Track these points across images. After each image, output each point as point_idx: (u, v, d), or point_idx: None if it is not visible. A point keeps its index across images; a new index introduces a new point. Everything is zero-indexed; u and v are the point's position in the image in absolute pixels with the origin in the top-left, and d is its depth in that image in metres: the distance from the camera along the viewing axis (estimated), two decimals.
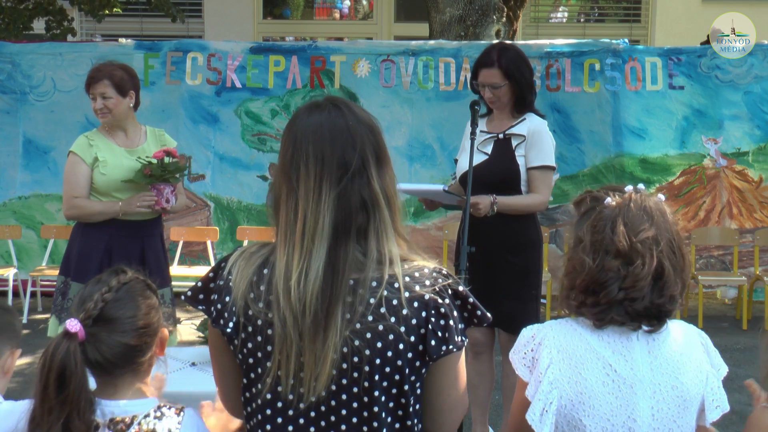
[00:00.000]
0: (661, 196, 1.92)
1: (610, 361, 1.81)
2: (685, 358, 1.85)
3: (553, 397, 1.79)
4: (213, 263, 7.13)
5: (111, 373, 1.74)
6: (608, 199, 1.86)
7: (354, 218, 1.61)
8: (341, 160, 1.62)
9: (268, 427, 1.63)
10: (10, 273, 6.99)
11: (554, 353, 1.81)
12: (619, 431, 1.79)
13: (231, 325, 1.62)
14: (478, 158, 3.90)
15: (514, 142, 3.91)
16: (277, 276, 1.59)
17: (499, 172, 3.90)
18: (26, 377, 5.35)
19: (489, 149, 3.96)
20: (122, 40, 8.27)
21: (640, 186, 1.91)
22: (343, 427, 1.61)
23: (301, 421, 1.61)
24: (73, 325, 1.68)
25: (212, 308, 1.66)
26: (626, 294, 1.79)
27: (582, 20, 12.86)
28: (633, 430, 1.79)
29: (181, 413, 1.78)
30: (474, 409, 4.13)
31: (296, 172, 1.63)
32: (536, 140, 3.89)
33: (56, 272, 6.99)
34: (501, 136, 3.93)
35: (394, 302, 1.59)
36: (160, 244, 4.22)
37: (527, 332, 1.88)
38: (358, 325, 1.58)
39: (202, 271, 7.11)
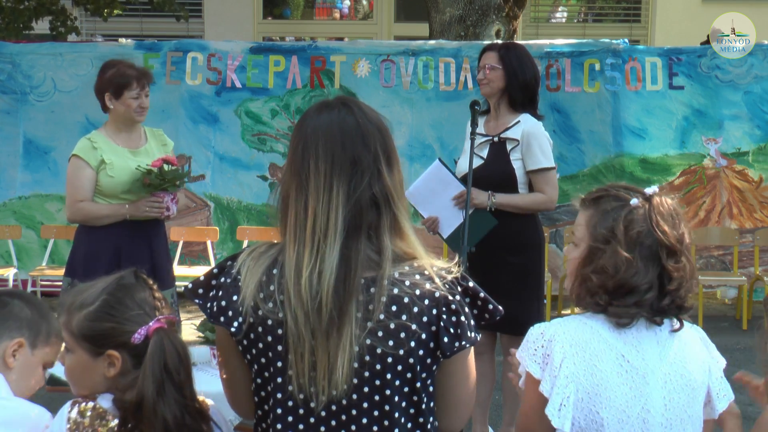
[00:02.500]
0: (670, 197, 1.94)
1: (622, 351, 1.82)
2: (688, 348, 1.88)
3: (570, 391, 1.79)
4: (213, 263, 7.15)
5: None
6: (635, 200, 1.86)
7: (365, 216, 1.61)
8: (352, 158, 1.63)
9: (279, 426, 1.63)
10: (10, 273, 6.99)
11: (567, 348, 1.81)
12: (635, 422, 1.80)
13: (236, 324, 1.62)
14: (475, 162, 3.93)
15: (508, 146, 3.93)
16: (287, 274, 1.59)
17: (495, 175, 3.92)
18: None
19: (485, 153, 3.98)
20: (122, 40, 8.27)
21: (656, 188, 1.92)
22: (355, 426, 1.61)
23: (312, 420, 1.61)
24: (164, 321, 1.78)
25: (209, 304, 1.65)
26: (672, 296, 1.81)
27: (582, 20, 12.86)
28: (647, 420, 1.81)
29: None
30: (474, 408, 4.12)
31: (306, 170, 1.63)
32: (530, 143, 3.90)
33: (56, 272, 7.06)
34: (496, 139, 3.95)
35: (406, 300, 1.60)
36: (165, 244, 4.21)
37: (535, 330, 1.88)
38: (369, 324, 1.58)
39: (202, 271, 7.10)
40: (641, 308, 1.81)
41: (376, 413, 1.61)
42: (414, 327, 1.59)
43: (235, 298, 1.63)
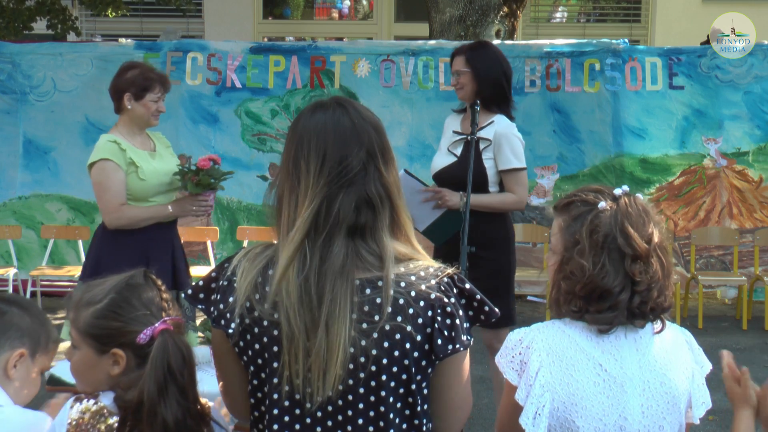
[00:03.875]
0: (639, 196, 1.94)
1: (600, 361, 1.81)
2: (670, 355, 1.87)
3: (545, 400, 1.79)
4: (213, 263, 7.15)
5: None
6: (602, 204, 1.85)
7: (358, 216, 1.61)
8: (345, 157, 1.62)
9: (275, 426, 1.63)
10: (10, 273, 6.99)
11: (544, 356, 1.81)
12: (611, 430, 1.80)
13: (233, 326, 1.62)
14: (449, 159, 4.04)
15: (481, 145, 3.98)
16: (279, 274, 1.59)
17: (467, 174, 3.95)
18: None
19: (458, 151, 4.06)
20: (122, 40, 8.28)
21: (625, 188, 1.91)
22: (350, 427, 1.61)
23: (308, 420, 1.61)
24: (169, 322, 1.78)
25: (212, 308, 1.66)
26: (642, 297, 1.80)
27: (582, 20, 12.86)
28: (624, 428, 1.80)
29: None
30: None
31: (298, 170, 1.63)
32: (502, 144, 3.95)
33: (56, 272, 7.08)
34: (469, 138, 3.99)
35: (401, 301, 1.59)
36: (181, 246, 4.20)
37: (514, 336, 1.87)
38: (364, 325, 1.57)
39: (201, 271, 7.11)
40: (617, 311, 1.80)
41: (371, 414, 1.60)
42: (409, 329, 1.59)
43: (231, 299, 1.63)
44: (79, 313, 1.81)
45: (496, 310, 1.68)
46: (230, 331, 1.62)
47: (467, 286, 1.66)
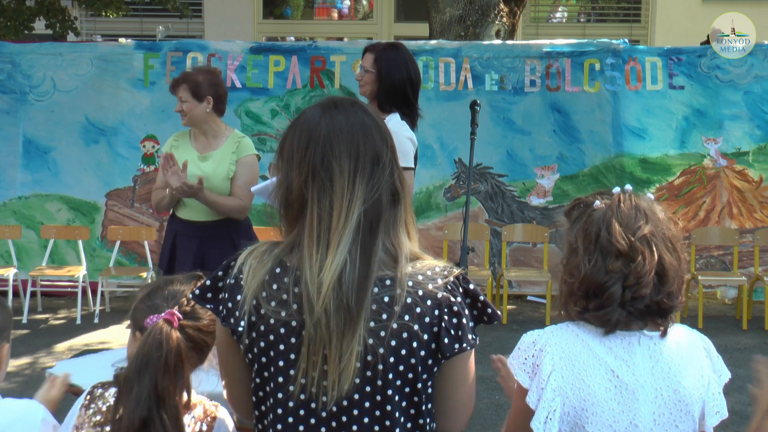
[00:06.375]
0: (650, 195, 1.94)
1: (612, 366, 1.80)
2: (686, 362, 1.84)
3: (556, 404, 1.78)
4: None
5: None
6: (597, 203, 1.87)
7: (383, 214, 1.61)
8: (377, 156, 1.62)
9: (279, 426, 1.62)
10: (10, 273, 6.98)
11: (557, 360, 1.80)
12: None
13: (243, 323, 1.61)
14: None
15: None
16: (308, 276, 1.57)
17: None
18: (26, 377, 5.34)
19: None
20: (122, 40, 8.27)
21: (628, 187, 1.92)
22: (356, 426, 1.60)
23: (312, 420, 1.60)
24: (173, 314, 1.85)
25: (221, 307, 1.65)
26: (633, 293, 1.79)
27: (582, 20, 12.85)
28: None
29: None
30: None
31: (329, 172, 1.61)
32: None
33: (56, 272, 7.08)
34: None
35: (408, 300, 1.59)
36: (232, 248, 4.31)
37: (527, 338, 1.87)
38: (372, 324, 1.57)
39: None
40: (611, 306, 1.79)
41: (377, 413, 1.60)
42: (416, 328, 1.59)
43: (239, 297, 1.62)
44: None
45: (498, 312, 1.69)
46: (240, 329, 1.62)
47: (471, 286, 1.67)
